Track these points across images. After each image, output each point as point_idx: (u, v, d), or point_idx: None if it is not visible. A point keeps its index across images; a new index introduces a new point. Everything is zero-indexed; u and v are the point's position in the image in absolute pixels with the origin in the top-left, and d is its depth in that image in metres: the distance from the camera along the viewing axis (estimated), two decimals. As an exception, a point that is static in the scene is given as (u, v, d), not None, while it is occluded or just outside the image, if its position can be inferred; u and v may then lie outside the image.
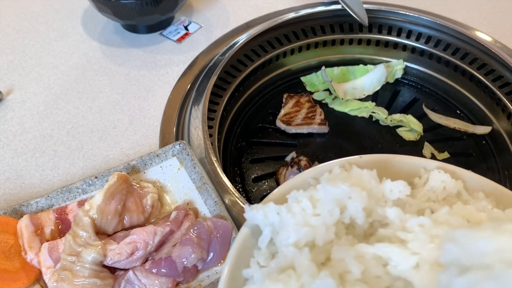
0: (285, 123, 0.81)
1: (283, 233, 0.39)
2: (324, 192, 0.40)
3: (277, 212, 0.40)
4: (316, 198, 0.41)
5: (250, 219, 0.41)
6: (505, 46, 0.91)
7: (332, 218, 0.39)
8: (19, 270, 0.55)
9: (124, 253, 0.54)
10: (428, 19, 0.87)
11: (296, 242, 0.38)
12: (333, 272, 0.36)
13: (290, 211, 0.40)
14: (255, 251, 0.41)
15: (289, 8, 0.99)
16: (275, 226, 0.40)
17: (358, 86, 0.87)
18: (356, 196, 0.40)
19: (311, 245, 0.39)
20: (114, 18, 0.87)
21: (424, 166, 0.46)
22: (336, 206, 0.40)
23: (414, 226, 0.38)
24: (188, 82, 0.84)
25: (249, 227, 0.42)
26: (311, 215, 0.39)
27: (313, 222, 0.39)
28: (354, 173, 0.43)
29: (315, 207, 0.40)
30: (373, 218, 0.41)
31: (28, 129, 0.76)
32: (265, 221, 0.40)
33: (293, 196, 0.41)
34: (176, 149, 0.66)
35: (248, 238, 0.41)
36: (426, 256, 0.36)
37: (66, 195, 0.61)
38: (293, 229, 0.39)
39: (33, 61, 0.88)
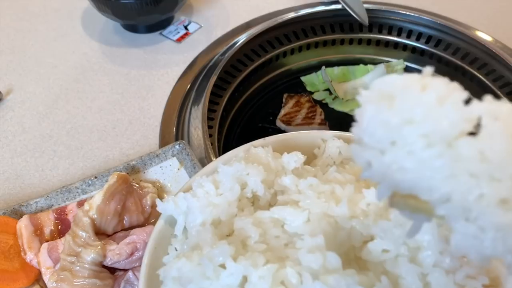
0: (285, 123, 0.81)
1: (190, 217, 0.43)
2: (223, 173, 0.45)
3: (185, 199, 0.44)
4: (218, 180, 0.45)
5: (163, 211, 0.45)
6: (506, 46, 0.91)
7: (233, 194, 0.43)
8: (19, 271, 0.55)
9: (124, 253, 0.53)
10: (429, 19, 0.87)
11: (203, 222, 0.42)
12: (235, 240, 0.40)
13: (195, 196, 0.44)
14: (173, 239, 0.45)
15: (289, 8, 0.99)
16: (187, 213, 0.44)
17: (358, 86, 0.87)
18: (253, 171, 0.44)
19: (216, 222, 0.43)
20: (114, 18, 0.87)
21: (321, 137, 0.51)
22: (236, 183, 0.44)
23: (305, 188, 0.43)
24: (188, 82, 0.84)
25: (164, 219, 0.45)
26: (214, 195, 0.44)
27: (216, 201, 0.43)
28: (251, 153, 0.48)
29: (217, 188, 0.44)
30: (275, 189, 0.45)
31: (27, 129, 0.76)
32: (177, 210, 0.44)
33: (197, 182, 0.45)
34: (176, 149, 0.66)
35: (165, 229, 0.45)
36: (315, 210, 0.40)
37: (66, 195, 0.61)
38: (198, 211, 0.43)
39: (33, 61, 0.87)
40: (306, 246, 0.37)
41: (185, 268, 0.39)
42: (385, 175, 0.30)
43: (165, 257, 0.43)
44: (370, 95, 0.30)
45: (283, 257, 0.39)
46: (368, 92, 0.30)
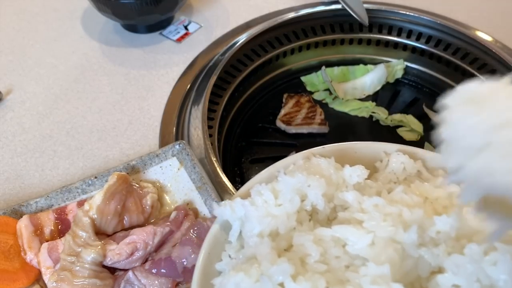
0: (285, 123, 0.81)
1: (247, 225, 0.42)
2: (283, 183, 0.43)
3: (243, 206, 0.42)
4: (277, 190, 0.43)
5: (219, 215, 0.44)
6: (506, 46, 0.91)
7: (293, 206, 0.42)
8: (19, 270, 0.55)
9: (124, 253, 0.53)
10: (429, 19, 0.87)
11: (260, 233, 0.41)
12: (294, 256, 0.38)
13: (254, 204, 0.42)
14: (227, 245, 0.43)
15: (289, 7, 0.99)
16: (243, 220, 0.42)
17: (358, 86, 0.87)
18: (314, 183, 0.42)
19: (274, 234, 0.41)
20: (114, 18, 0.87)
21: (384, 150, 0.48)
22: (296, 195, 0.42)
23: (369, 207, 0.40)
24: (188, 82, 0.84)
25: (220, 223, 0.44)
26: (273, 205, 0.42)
27: (275, 212, 0.41)
28: (313, 163, 0.46)
29: (277, 198, 0.42)
30: (335, 203, 0.43)
31: (27, 129, 0.76)
32: (233, 216, 0.43)
33: (256, 189, 0.44)
34: (176, 149, 0.66)
35: (219, 234, 0.44)
36: (380, 233, 0.38)
37: (66, 195, 0.61)
38: (256, 220, 0.41)
39: (33, 61, 0.87)
40: (370, 274, 0.36)
41: (243, 284, 0.37)
42: (476, 178, 0.29)
43: (218, 263, 0.42)
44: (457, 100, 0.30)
45: (343, 280, 0.37)
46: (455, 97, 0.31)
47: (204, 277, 0.41)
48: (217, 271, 0.42)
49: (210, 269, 0.42)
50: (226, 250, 0.43)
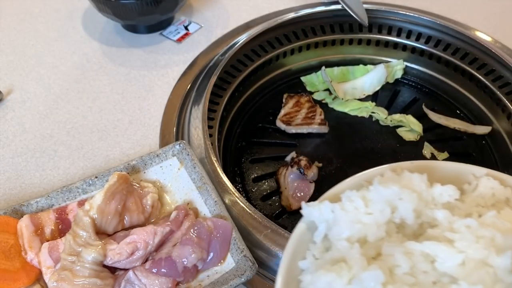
0: (285, 123, 0.81)
1: (336, 229, 0.42)
2: (376, 192, 0.43)
3: (331, 209, 0.43)
4: (368, 198, 0.43)
5: (306, 215, 0.44)
6: (505, 46, 0.91)
7: (383, 217, 0.42)
8: (19, 270, 0.55)
9: (124, 253, 0.54)
10: (428, 19, 0.87)
11: (349, 237, 0.41)
12: (383, 265, 0.39)
13: (344, 209, 0.43)
14: (311, 245, 0.44)
15: (289, 8, 0.99)
16: (329, 223, 0.43)
17: (358, 86, 0.88)
18: (406, 197, 0.42)
19: (362, 241, 0.42)
20: (114, 18, 0.87)
21: (473, 173, 0.48)
22: (387, 206, 0.42)
23: (461, 227, 0.40)
24: (188, 82, 0.84)
25: (305, 222, 0.44)
26: (363, 213, 0.42)
27: (365, 220, 0.42)
28: (404, 177, 0.46)
29: (367, 206, 0.43)
30: (423, 219, 0.44)
31: (28, 129, 0.76)
32: (320, 217, 0.43)
33: (347, 195, 0.44)
34: (176, 149, 0.66)
35: (304, 233, 0.44)
36: (472, 254, 0.38)
37: (66, 195, 0.62)
38: (346, 225, 0.42)
39: (33, 61, 0.88)
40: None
41: (335, 284, 0.38)
42: None
43: (302, 261, 0.43)
44: None
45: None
46: None
47: (288, 272, 0.42)
48: (299, 268, 0.43)
49: (294, 265, 0.43)
50: (310, 249, 0.44)
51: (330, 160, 0.78)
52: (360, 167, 0.75)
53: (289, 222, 0.70)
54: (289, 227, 0.69)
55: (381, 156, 0.78)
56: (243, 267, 0.55)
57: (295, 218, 0.70)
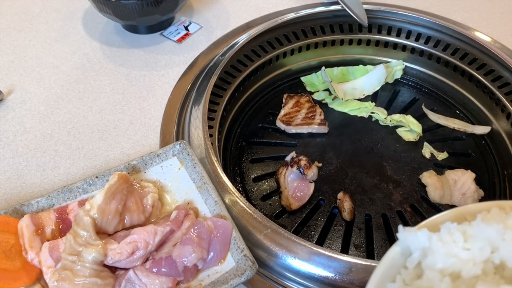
0: (285, 123, 0.81)
1: (430, 258, 0.41)
2: (477, 229, 0.42)
3: (428, 238, 0.42)
4: (469, 234, 0.42)
5: (402, 239, 0.44)
6: (505, 46, 0.91)
7: (482, 255, 0.41)
8: (20, 270, 0.55)
9: (125, 252, 0.54)
10: (428, 19, 0.87)
11: (442, 270, 0.41)
12: None
13: (441, 240, 0.42)
14: (402, 270, 0.43)
15: (289, 8, 1.00)
16: (425, 251, 0.42)
17: (357, 86, 0.88)
18: (510, 238, 0.41)
19: (455, 276, 0.41)
20: (115, 19, 0.87)
21: None
22: (488, 245, 0.41)
23: None
24: (189, 82, 0.84)
25: (401, 246, 0.44)
26: (461, 248, 0.41)
27: (461, 255, 0.41)
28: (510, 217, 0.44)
29: (466, 241, 0.42)
30: None
31: (28, 129, 0.76)
32: (416, 244, 0.43)
33: (447, 226, 0.43)
34: (176, 149, 0.66)
35: (398, 257, 0.44)
36: None
37: (67, 194, 0.62)
38: (441, 256, 0.41)
39: (34, 61, 0.88)
40: None
41: None
42: None
43: (392, 284, 0.43)
44: None
45: None
46: None
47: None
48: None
49: (383, 285, 0.43)
50: (401, 274, 0.43)
51: (330, 160, 0.78)
52: (360, 167, 0.77)
53: (289, 222, 0.70)
54: (289, 227, 0.69)
55: (381, 156, 0.78)
56: (243, 266, 0.55)
57: (295, 218, 0.71)
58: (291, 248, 0.57)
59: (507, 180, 0.76)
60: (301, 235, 0.68)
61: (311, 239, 0.67)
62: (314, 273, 0.57)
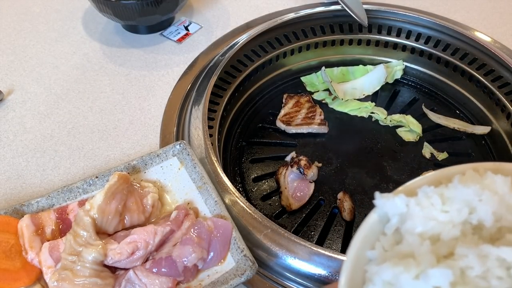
0: (285, 123, 0.81)
1: (409, 223, 0.41)
2: (454, 191, 0.42)
3: (406, 203, 0.42)
4: (446, 196, 0.42)
5: (379, 206, 0.43)
6: (505, 46, 0.91)
7: (460, 216, 0.41)
8: (20, 270, 0.55)
9: (125, 252, 0.54)
10: (428, 19, 0.87)
11: (422, 233, 0.41)
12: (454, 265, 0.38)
13: (419, 204, 0.42)
14: (381, 236, 0.43)
15: (289, 8, 1.00)
16: (403, 216, 0.42)
17: (357, 87, 0.88)
18: (487, 199, 0.41)
19: (435, 239, 0.41)
20: (115, 19, 0.87)
21: None
22: (465, 206, 0.41)
23: None
24: (189, 82, 0.84)
25: (378, 214, 0.44)
26: (439, 211, 0.41)
27: (440, 218, 0.41)
28: (487, 178, 0.44)
29: (444, 204, 0.42)
30: (502, 223, 0.42)
31: (28, 129, 0.76)
32: (393, 210, 0.43)
33: (424, 190, 0.43)
34: (176, 149, 0.66)
35: (376, 224, 0.44)
36: None
37: (67, 194, 0.62)
38: (420, 220, 0.41)
39: (34, 61, 0.88)
40: None
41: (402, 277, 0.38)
42: None
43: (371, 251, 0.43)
44: None
45: None
46: None
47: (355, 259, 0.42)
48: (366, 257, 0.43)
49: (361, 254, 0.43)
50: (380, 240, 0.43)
51: (330, 160, 0.78)
52: (360, 167, 0.77)
53: (289, 222, 0.70)
54: (289, 227, 0.69)
55: (381, 156, 0.79)
56: (243, 266, 0.55)
57: (295, 218, 0.71)
58: (291, 248, 0.57)
59: (507, 180, 0.76)
60: (301, 235, 0.68)
61: (311, 239, 0.68)
62: (314, 273, 0.57)
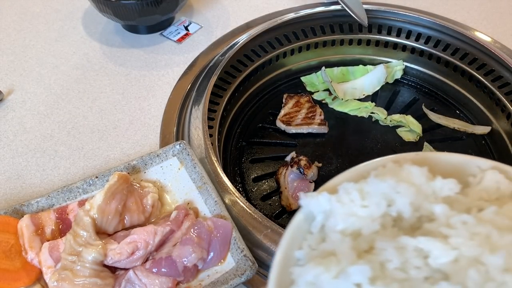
0: (285, 123, 0.81)
1: (331, 221, 0.42)
2: (372, 185, 0.43)
3: (329, 200, 0.43)
4: (365, 191, 0.43)
5: (305, 205, 0.44)
6: (505, 46, 0.91)
7: (378, 210, 0.42)
8: (20, 270, 0.55)
9: (125, 252, 0.54)
10: (428, 19, 0.87)
11: (343, 230, 0.42)
12: (374, 259, 0.39)
13: (340, 201, 0.43)
14: (308, 235, 0.44)
15: (289, 8, 1.00)
16: (327, 214, 0.43)
17: (357, 86, 0.88)
18: (403, 191, 0.42)
19: (356, 234, 0.42)
20: (115, 19, 0.87)
21: (478, 165, 0.47)
22: (383, 200, 0.42)
23: (457, 223, 0.40)
24: (189, 82, 0.84)
25: (304, 213, 0.45)
26: (359, 206, 0.42)
27: (360, 213, 0.42)
28: (404, 169, 0.45)
29: (363, 199, 0.43)
30: (421, 213, 0.43)
31: (28, 129, 0.76)
32: (318, 208, 0.43)
33: (344, 187, 0.44)
34: (176, 149, 0.66)
35: (302, 223, 0.45)
36: (465, 252, 0.38)
37: (67, 195, 0.62)
38: (341, 217, 0.42)
39: (34, 61, 0.88)
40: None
41: (322, 277, 0.38)
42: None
43: (298, 251, 0.43)
44: None
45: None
46: None
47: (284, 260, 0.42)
48: (295, 257, 0.43)
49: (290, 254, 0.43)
50: (307, 239, 0.44)
51: (330, 160, 0.78)
52: (360, 167, 0.76)
53: (289, 222, 0.70)
54: (289, 227, 0.69)
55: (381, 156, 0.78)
56: (243, 266, 0.55)
57: (295, 218, 0.70)
58: (291, 248, 0.57)
59: (507, 180, 0.76)
60: (301, 235, 0.68)
61: (311, 239, 0.67)
62: (314, 273, 0.57)
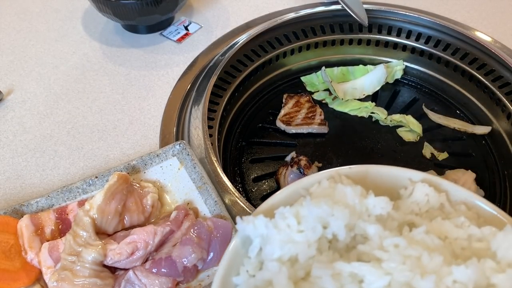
0: (285, 123, 0.81)
1: (268, 248, 0.42)
2: (308, 209, 0.43)
3: (265, 225, 0.43)
4: (301, 215, 0.43)
5: (241, 230, 0.44)
6: (505, 46, 0.91)
7: (315, 235, 0.42)
8: (20, 270, 0.55)
9: (125, 253, 0.54)
10: (428, 19, 0.87)
11: (280, 257, 0.41)
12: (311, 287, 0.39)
13: (276, 226, 0.43)
14: (245, 260, 0.43)
15: (289, 8, 1.00)
16: (264, 238, 0.43)
17: (358, 86, 0.88)
18: (338, 214, 0.42)
19: (293, 261, 0.42)
20: (114, 19, 0.87)
21: (410, 177, 0.48)
22: (318, 224, 0.42)
23: (389, 246, 0.41)
24: (188, 82, 0.84)
25: (241, 237, 0.44)
26: (295, 231, 0.42)
27: (297, 239, 0.42)
28: (338, 190, 0.46)
29: (299, 223, 0.43)
30: (356, 232, 0.44)
31: (28, 129, 0.76)
32: (254, 232, 0.43)
33: (280, 212, 0.44)
34: (176, 149, 0.66)
35: (240, 247, 0.44)
36: (398, 277, 0.39)
37: (67, 195, 0.62)
38: (278, 245, 0.42)
39: (34, 61, 0.88)
40: None
41: None
42: None
43: (236, 277, 0.43)
44: None
45: None
46: None
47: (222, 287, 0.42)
48: (232, 283, 0.43)
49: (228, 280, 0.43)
50: (244, 265, 0.43)
51: (330, 160, 0.78)
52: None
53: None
54: (289, 227, 0.69)
55: (381, 156, 0.78)
56: (243, 267, 0.55)
57: (295, 218, 0.70)
58: (291, 248, 0.57)
59: (508, 180, 0.76)
60: (301, 235, 0.68)
61: (311, 239, 0.67)
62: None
